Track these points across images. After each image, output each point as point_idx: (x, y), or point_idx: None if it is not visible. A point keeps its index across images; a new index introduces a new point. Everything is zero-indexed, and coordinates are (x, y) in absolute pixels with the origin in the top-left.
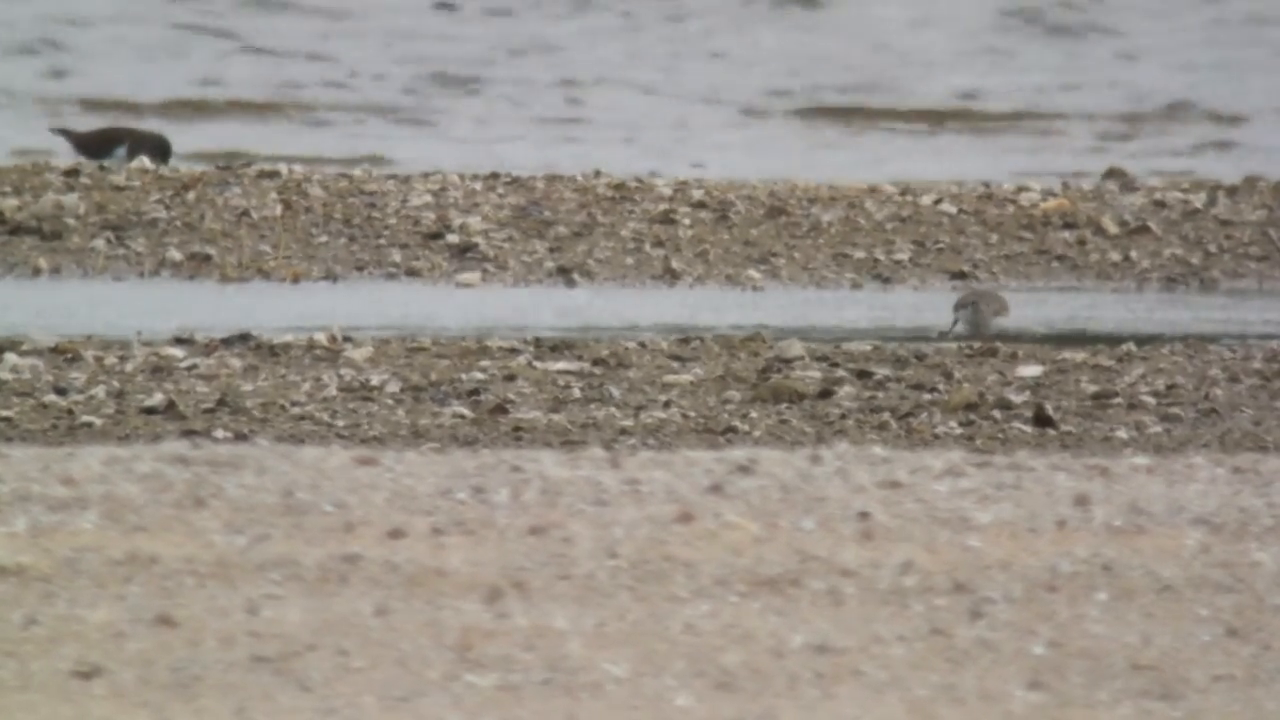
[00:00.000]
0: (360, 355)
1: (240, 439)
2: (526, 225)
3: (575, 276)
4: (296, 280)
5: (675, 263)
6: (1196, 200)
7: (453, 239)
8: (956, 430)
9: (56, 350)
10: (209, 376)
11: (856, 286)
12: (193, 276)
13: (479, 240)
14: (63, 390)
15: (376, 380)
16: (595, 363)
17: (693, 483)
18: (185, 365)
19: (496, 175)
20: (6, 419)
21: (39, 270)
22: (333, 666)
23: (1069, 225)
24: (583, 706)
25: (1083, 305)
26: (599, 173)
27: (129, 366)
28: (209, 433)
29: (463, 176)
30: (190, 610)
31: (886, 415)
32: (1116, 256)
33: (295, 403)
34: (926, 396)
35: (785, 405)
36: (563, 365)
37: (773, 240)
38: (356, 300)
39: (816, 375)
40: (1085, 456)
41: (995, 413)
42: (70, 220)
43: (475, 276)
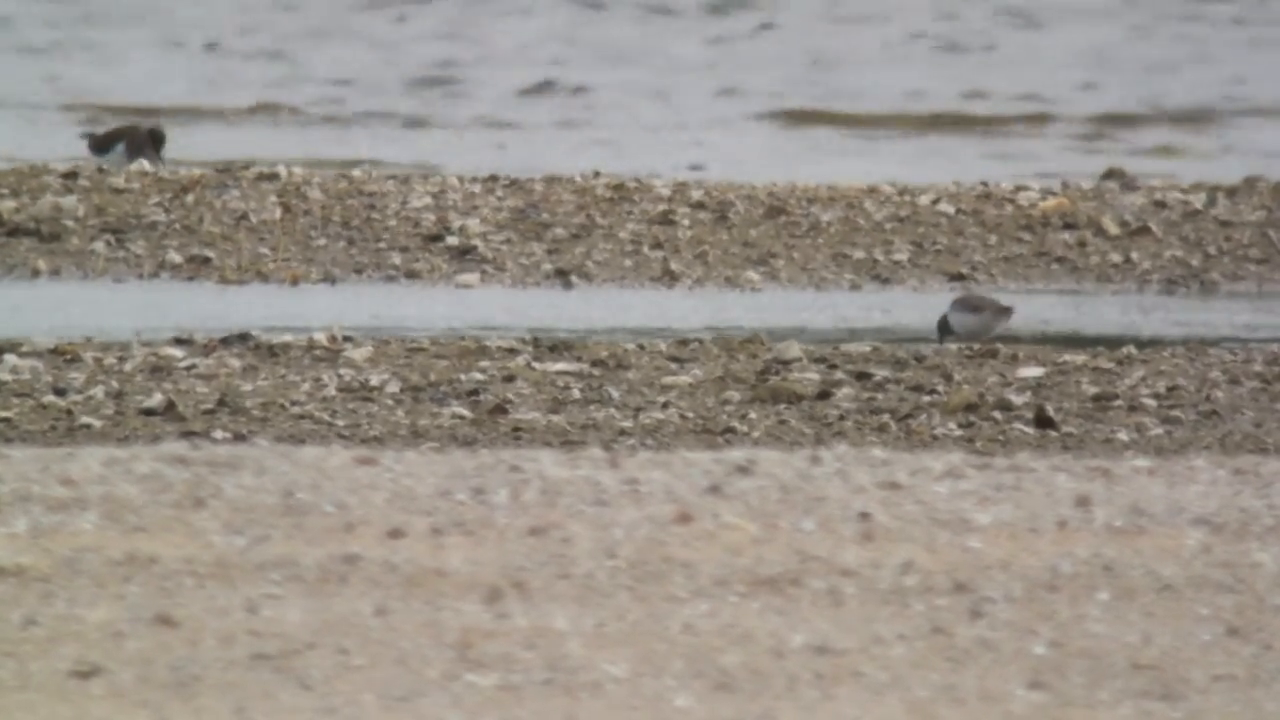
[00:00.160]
0: (360, 355)
1: (240, 439)
2: (525, 227)
3: (573, 279)
4: (295, 283)
5: (674, 264)
6: (1196, 201)
7: (452, 241)
8: (956, 432)
9: (56, 351)
10: (208, 376)
11: (855, 287)
12: (192, 279)
13: (478, 242)
14: (62, 391)
15: (376, 380)
16: (594, 364)
17: (692, 483)
18: (184, 365)
19: (495, 177)
20: (6, 420)
21: (38, 272)
22: (333, 666)
23: (1069, 226)
24: (582, 706)
25: (1083, 306)
26: (598, 173)
27: (128, 367)
28: (208, 433)
29: (462, 179)
30: (190, 610)
31: (886, 417)
32: (1117, 258)
33: (295, 402)
34: (926, 398)
35: (784, 406)
36: (562, 366)
37: (772, 241)
38: (356, 301)
39: (815, 377)
40: (1086, 458)
41: (995, 414)
42: (69, 222)
43: (474, 278)
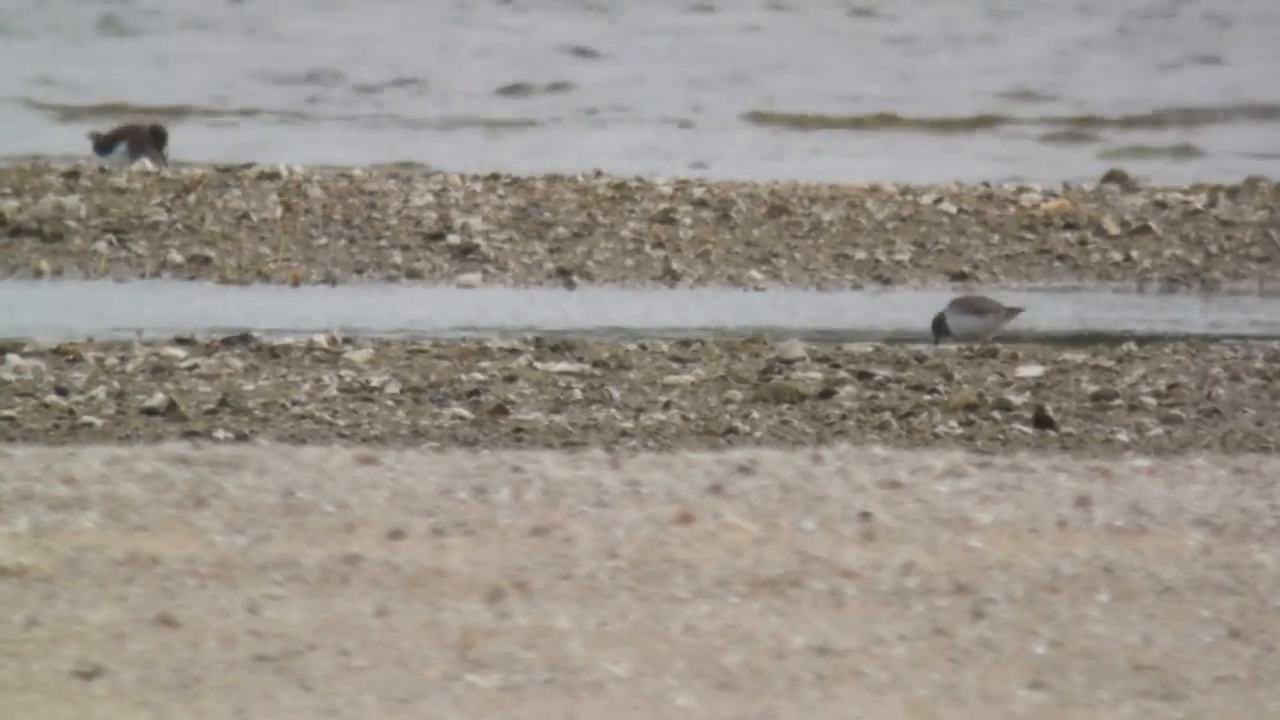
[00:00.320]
0: (360, 356)
1: (241, 439)
2: (526, 226)
3: (574, 278)
4: (296, 283)
5: (676, 264)
6: (1197, 201)
7: (454, 240)
8: (957, 431)
9: (58, 351)
10: (210, 376)
11: (857, 287)
12: (193, 278)
13: (480, 241)
14: (64, 391)
15: (377, 381)
16: (596, 364)
17: (693, 484)
18: (186, 365)
19: (497, 176)
20: (9, 419)
21: (40, 272)
22: (334, 666)
23: (1070, 226)
24: (584, 706)
25: (1084, 305)
26: (599, 173)
27: (130, 367)
28: (210, 433)
29: (463, 177)
30: (191, 610)
31: (887, 416)
32: (1118, 256)
33: (296, 402)
34: (927, 397)
35: (786, 406)
36: (563, 366)
37: (774, 240)
38: (357, 302)
39: (817, 376)
40: (1086, 458)
41: (996, 413)
42: (71, 222)
43: (476, 278)
